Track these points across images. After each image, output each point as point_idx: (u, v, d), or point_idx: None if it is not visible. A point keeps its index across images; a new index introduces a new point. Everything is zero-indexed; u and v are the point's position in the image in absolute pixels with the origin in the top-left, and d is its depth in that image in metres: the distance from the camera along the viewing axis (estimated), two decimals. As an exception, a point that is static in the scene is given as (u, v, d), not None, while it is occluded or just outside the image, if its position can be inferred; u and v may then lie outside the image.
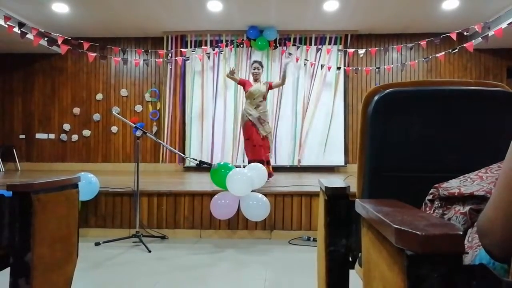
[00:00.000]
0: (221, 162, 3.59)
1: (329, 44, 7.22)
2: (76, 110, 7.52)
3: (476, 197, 0.76)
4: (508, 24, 5.66)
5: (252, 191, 3.40)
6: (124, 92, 7.49)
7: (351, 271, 1.12)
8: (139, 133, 3.26)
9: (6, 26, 5.59)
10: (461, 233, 0.46)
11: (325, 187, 1.12)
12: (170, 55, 7.28)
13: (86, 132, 7.47)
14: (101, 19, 6.62)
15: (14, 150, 7.40)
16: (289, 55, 7.14)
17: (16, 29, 5.56)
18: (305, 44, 7.22)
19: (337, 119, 7.17)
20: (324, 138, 7.09)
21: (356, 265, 1.12)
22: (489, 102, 1.14)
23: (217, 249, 3.23)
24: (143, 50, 7.21)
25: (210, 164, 3.54)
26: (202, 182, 4.69)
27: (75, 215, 1.54)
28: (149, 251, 3.05)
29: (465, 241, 0.71)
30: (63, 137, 7.51)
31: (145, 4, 5.96)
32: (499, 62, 7.17)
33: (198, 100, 7.31)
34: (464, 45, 6.21)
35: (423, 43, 6.56)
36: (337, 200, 1.08)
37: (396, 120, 1.14)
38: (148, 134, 3.36)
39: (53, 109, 7.57)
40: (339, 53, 7.23)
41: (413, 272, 0.47)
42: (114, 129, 7.46)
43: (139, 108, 7.46)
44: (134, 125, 3.33)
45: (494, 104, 1.13)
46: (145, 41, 7.51)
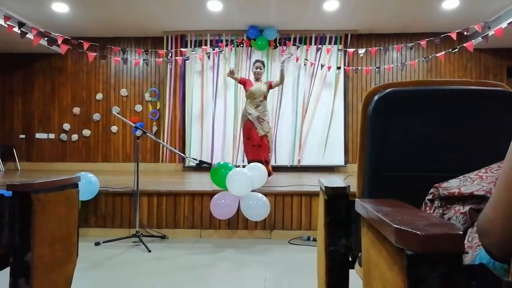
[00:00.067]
0: (221, 162, 3.59)
1: (329, 43, 7.22)
2: (76, 110, 7.51)
3: (476, 196, 0.76)
4: (508, 23, 5.66)
5: (252, 191, 3.40)
6: (124, 92, 7.49)
7: (351, 270, 1.12)
8: (139, 133, 3.26)
9: (6, 25, 5.59)
10: (461, 232, 0.46)
11: (325, 186, 1.12)
12: (170, 54, 7.28)
13: (86, 132, 7.47)
14: (101, 19, 6.61)
15: (14, 149, 7.40)
16: (290, 54, 7.12)
17: (16, 29, 5.56)
18: (305, 44, 7.21)
19: (337, 119, 7.17)
20: (324, 138, 7.09)
21: (356, 265, 1.12)
22: (489, 101, 1.14)
23: (217, 249, 3.23)
24: (143, 50, 7.21)
25: (210, 164, 3.54)
26: (202, 182, 4.69)
27: (75, 215, 1.54)
28: (149, 251, 3.05)
29: (465, 241, 0.71)
30: (63, 137, 7.51)
31: (145, 3, 5.96)
32: (499, 61, 7.17)
33: (198, 100, 7.30)
34: (464, 44, 6.21)
35: (423, 42, 6.56)
36: (337, 200, 1.08)
37: (396, 120, 1.14)
38: (148, 133, 3.36)
39: (53, 108, 7.57)
40: (339, 53, 7.23)
41: (413, 272, 0.47)
42: (114, 128, 7.46)
43: (139, 107, 7.46)
44: (134, 125, 3.32)
45: (494, 104, 1.13)
46: (145, 41, 7.51)
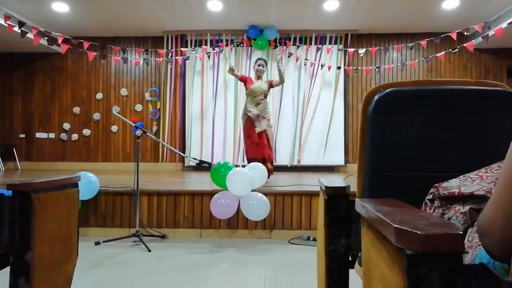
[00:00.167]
0: (221, 162, 3.59)
1: (329, 43, 7.21)
2: (76, 110, 7.51)
3: (476, 196, 0.76)
4: (508, 23, 5.66)
5: (252, 190, 3.40)
6: (124, 92, 7.49)
7: (351, 270, 1.12)
8: (139, 133, 3.26)
9: (6, 25, 5.59)
10: (461, 232, 0.46)
11: (325, 186, 1.12)
12: (170, 54, 7.28)
13: (86, 132, 7.47)
14: (101, 19, 6.61)
15: (14, 149, 7.40)
16: (289, 55, 7.14)
17: (16, 28, 5.56)
18: (305, 44, 7.21)
19: (337, 119, 7.17)
20: (324, 138, 7.08)
21: (356, 264, 1.12)
22: (489, 101, 1.14)
23: (217, 248, 3.23)
24: (143, 50, 7.21)
25: (210, 164, 3.54)
26: (202, 182, 4.69)
27: (75, 214, 1.54)
28: (149, 251, 3.05)
29: (465, 241, 0.71)
30: (63, 136, 7.51)
31: (145, 3, 5.96)
32: (499, 62, 7.17)
33: (198, 100, 7.30)
34: (464, 44, 6.21)
35: (423, 42, 6.56)
36: (337, 199, 1.08)
37: (396, 120, 1.14)
38: (148, 133, 3.36)
39: (53, 108, 7.57)
40: (339, 53, 7.23)
41: (413, 271, 0.47)
42: (114, 128, 7.46)
43: (139, 107, 7.45)
44: (134, 125, 3.32)
45: (494, 103, 1.13)
46: (145, 41, 7.51)
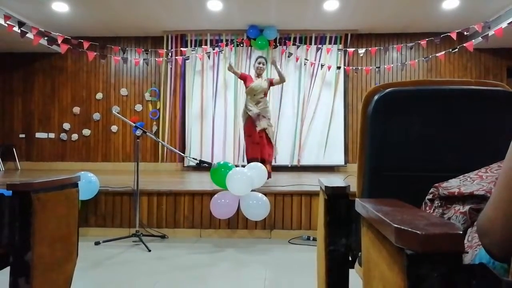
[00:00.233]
0: (221, 162, 3.59)
1: (329, 43, 7.21)
2: (76, 110, 7.51)
3: (476, 196, 0.76)
4: (508, 23, 5.66)
5: (252, 190, 3.40)
6: (124, 91, 7.49)
7: (351, 270, 1.12)
8: (139, 133, 3.26)
9: (6, 25, 5.59)
10: (461, 232, 0.46)
11: (325, 186, 1.12)
12: (170, 54, 7.28)
13: (86, 132, 7.47)
14: (101, 18, 6.61)
15: (14, 149, 7.40)
16: (289, 55, 7.15)
17: (16, 28, 5.56)
18: (305, 44, 7.21)
19: (337, 119, 7.17)
20: (324, 138, 7.08)
21: (356, 264, 1.12)
22: (489, 101, 1.14)
23: (217, 248, 3.23)
24: (143, 50, 7.21)
25: (210, 164, 3.54)
26: (202, 182, 4.69)
27: (75, 215, 1.54)
28: (149, 251, 3.05)
29: (465, 241, 0.71)
30: (63, 136, 7.51)
31: (145, 3, 5.96)
32: (499, 61, 7.17)
33: (198, 100, 7.30)
34: (464, 44, 6.21)
35: (423, 42, 6.56)
36: (337, 199, 1.08)
37: (396, 120, 1.14)
38: (148, 133, 3.36)
39: (53, 108, 7.57)
40: (339, 53, 7.23)
41: (413, 271, 0.47)
42: (114, 128, 7.46)
43: (139, 107, 7.45)
44: (134, 124, 3.32)
45: (494, 103, 1.13)
46: (145, 40, 7.51)
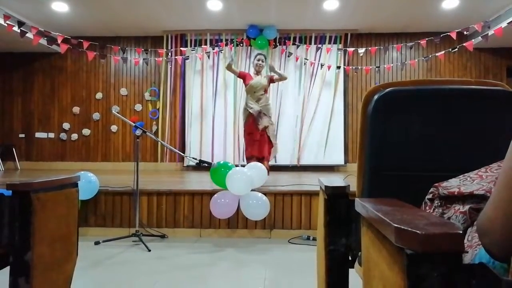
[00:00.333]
0: (221, 161, 3.59)
1: (329, 43, 7.22)
2: (76, 109, 7.51)
3: (476, 196, 0.76)
4: (508, 23, 5.66)
5: (252, 190, 3.40)
6: (123, 91, 7.49)
7: (350, 270, 1.11)
8: (138, 132, 3.26)
9: (6, 25, 5.59)
10: (461, 232, 0.46)
11: (325, 186, 1.12)
12: (170, 54, 7.28)
13: (86, 131, 7.47)
14: (101, 18, 6.61)
15: (13, 149, 7.39)
16: (289, 54, 7.14)
17: (15, 28, 5.55)
18: (305, 43, 7.21)
19: (337, 118, 7.17)
20: (324, 137, 7.08)
21: (356, 264, 1.12)
22: (489, 101, 1.13)
23: (217, 248, 3.23)
24: (143, 49, 7.21)
25: (209, 163, 3.54)
26: (202, 181, 4.68)
27: (75, 214, 1.54)
28: (149, 250, 3.04)
29: (465, 240, 0.71)
30: (63, 136, 7.51)
31: (145, 3, 5.96)
32: (499, 61, 7.17)
33: (198, 99, 7.30)
34: (464, 44, 6.21)
35: (423, 42, 6.56)
36: (337, 199, 1.08)
37: (396, 119, 1.14)
38: (147, 133, 3.36)
39: (52, 108, 7.57)
40: (339, 52, 7.23)
41: (413, 271, 0.47)
42: (114, 128, 7.46)
43: (138, 107, 7.45)
44: (134, 124, 3.32)
45: (494, 103, 1.13)
46: (145, 40, 7.50)
